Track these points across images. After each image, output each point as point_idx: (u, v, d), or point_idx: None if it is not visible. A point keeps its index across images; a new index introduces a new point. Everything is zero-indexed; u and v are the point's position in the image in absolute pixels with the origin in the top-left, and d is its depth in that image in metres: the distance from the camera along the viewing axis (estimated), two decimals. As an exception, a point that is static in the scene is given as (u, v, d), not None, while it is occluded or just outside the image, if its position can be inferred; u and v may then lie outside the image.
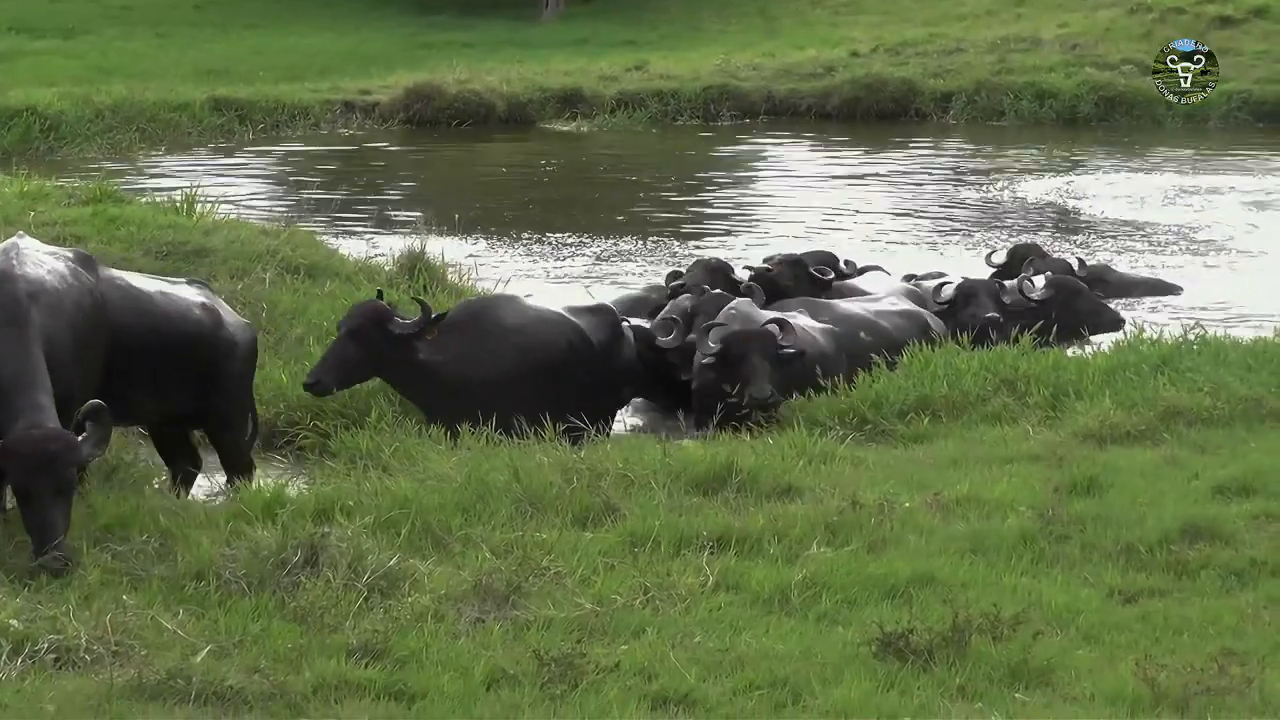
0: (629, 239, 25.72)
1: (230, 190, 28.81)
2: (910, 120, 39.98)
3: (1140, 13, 44.88)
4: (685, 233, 26.81)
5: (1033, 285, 18.20)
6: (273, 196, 30.68)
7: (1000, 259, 21.15)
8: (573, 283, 21.57)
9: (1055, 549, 10.47)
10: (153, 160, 33.83)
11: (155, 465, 13.02)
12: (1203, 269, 23.51)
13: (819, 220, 27.85)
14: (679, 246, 25.24)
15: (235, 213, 22.09)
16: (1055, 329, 16.50)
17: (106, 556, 10.15)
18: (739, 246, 24.93)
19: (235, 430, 12.80)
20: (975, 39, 44.39)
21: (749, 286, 16.81)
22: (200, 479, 13.13)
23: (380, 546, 10.06)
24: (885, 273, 19.02)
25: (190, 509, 11.32)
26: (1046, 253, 21.51)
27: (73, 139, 34.12)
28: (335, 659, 8.76)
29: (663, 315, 15.54)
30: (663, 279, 18.77)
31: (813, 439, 12.73)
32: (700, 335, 14.50)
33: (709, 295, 15.91)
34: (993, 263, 21.06)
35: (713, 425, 13.73)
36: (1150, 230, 26.46)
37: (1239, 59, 40.31)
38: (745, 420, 13.65)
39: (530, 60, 43.97)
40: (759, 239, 26.01)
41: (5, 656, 8.73)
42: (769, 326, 14.39)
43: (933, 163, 34.64)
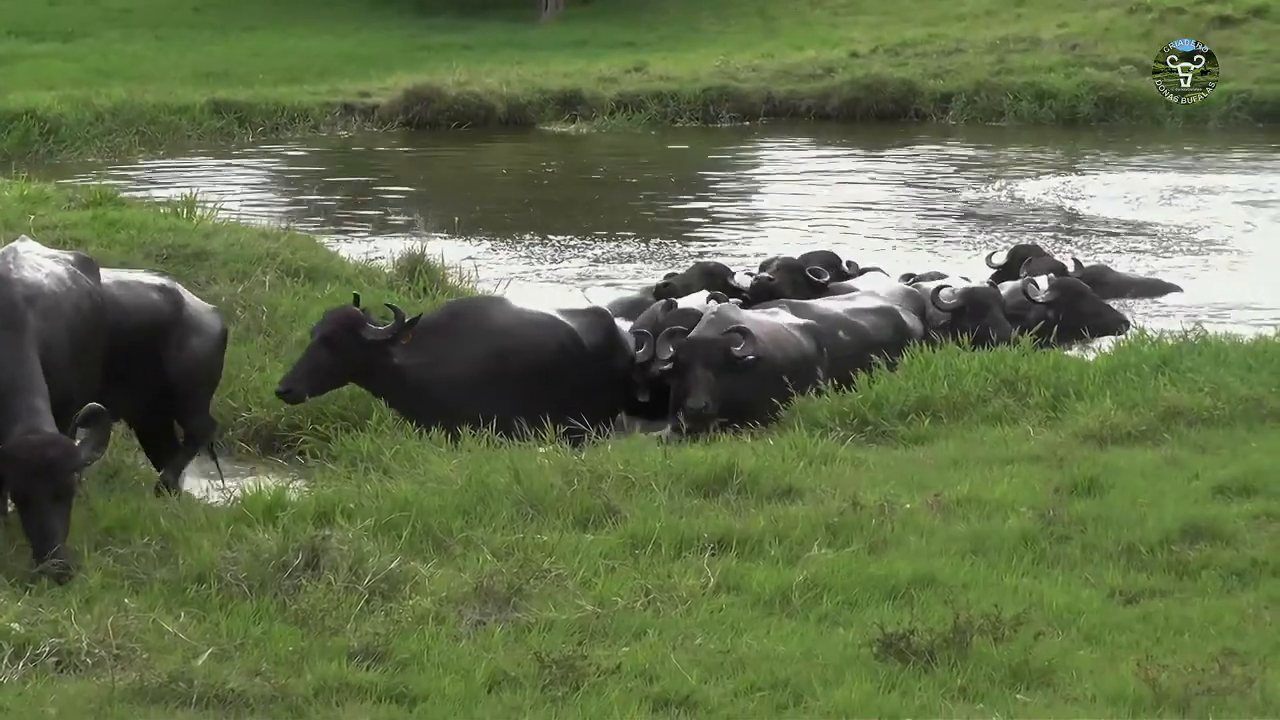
0: (629, 241, 25.73)
1: (230, 193, 28.81)
2: (910, 121, 40.01)
3: (1140, 13, 44.90)
4: (685, 235, 26.82)
5: (1036, 287, 18.18)
6: (272, 199, 30.69)
7: (1000, 259, 21.15)
8: (573, 284, 21.60)
9: (1056, 549, 10.47)
10: (153, 163, 33.84)
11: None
12: (1203, 269, 23.51)
13: (819, 221, 27.86)
14: (679, 248, 25.25)
15: (235, 216, 22.07)
16: (1057, 330, 16.50)
17: (108, 560, 10.14)
18: (739, 248, 24.96)
19: (198, 415, 12.72)
20: (975, 39, 44.40)
21: (717, 294, 16.72)
22: (200, 481, 13.14)
23: (381, 549, 10.06)
24: (884, 273, 19.01)
25: (191, 512, 11.32)
26: (1047, 253, 21.51)
27: (72, 142, 34.13)
28: (336, 661, 8.76)
29: (633, 326, 15.38)
30: (659, 281, 18.75)
31: (813, 440, 12.73)
32: (661, 343, 14.45)
33: (677, 309, 15.85)
34: (993, 263, 21.06)
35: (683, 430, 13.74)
36: (1150, 230, 26.46)
37: (1239, 59, 40.33)
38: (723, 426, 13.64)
39: (529, 62, 43.98)
40: (759, 241, 26.02)
41: (6, 660, 8.73)
42: (730, 334, 14.31)
43: (932, 163, 34.64)
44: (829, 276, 18.13)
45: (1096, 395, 13.63)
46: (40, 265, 11.18)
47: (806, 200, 30.46)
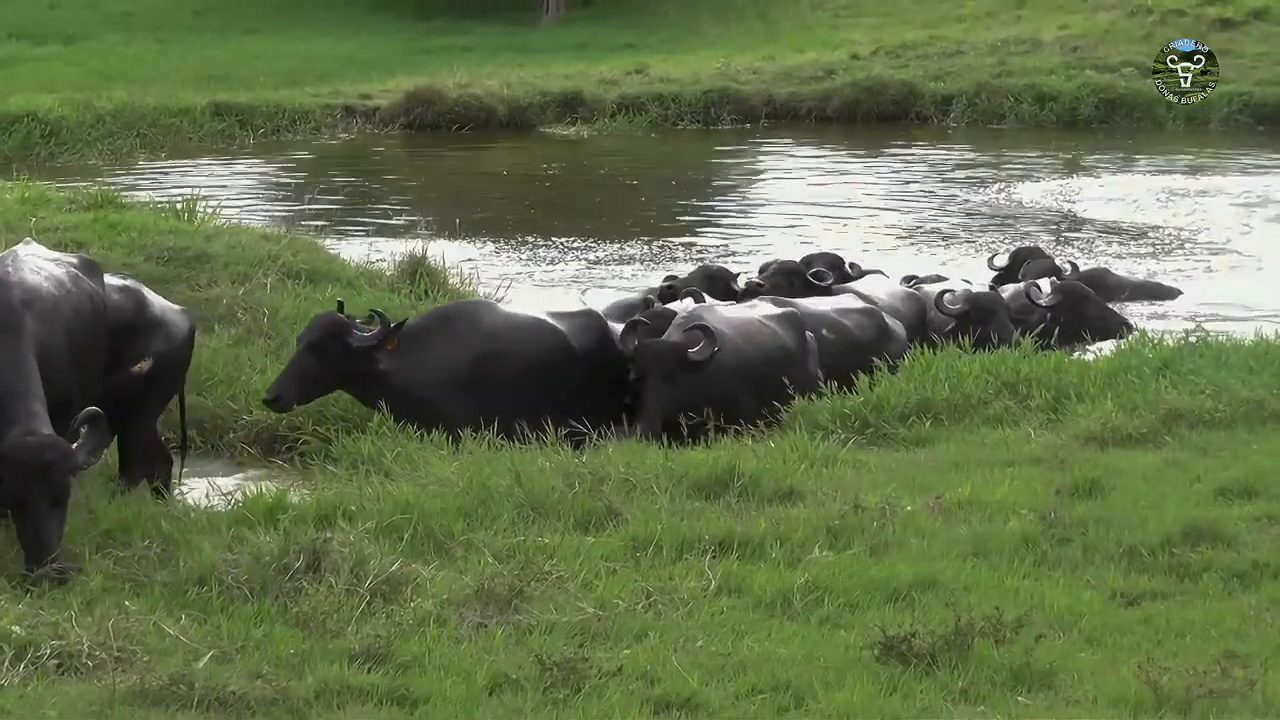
0: (629, 243, 25.74)
1: (231, 195, 28.84)
2: (911, 123, 40.04)
3: (1140, 15, 44.94)
4: (685, 237, 26.83)
5: (1039, 291, 18.18)
6: (273, 201, 30.71)
7: (1002, 262, 21.17)
8: (571, 286, 21.61)
9: (1057, 552, 10.46)
10: (154, 166, 33.85)
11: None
12: (1202, 271, 23.53)
13: (819, 224, 27.87)
14: (680, 251, 25.26)
15: (236, 218, 22.08)
16: (1059, 333, 16.49)
17: (109, 562, 10.13)
18: (739, 251, 24.97)
19: (148, 416, 12.50)
20: (975, 41, 44.44)
21: (694, 292, 16.67)
22: (202, 484, 13.14)
23: (382, 551, 10.06)
24: (885, 275, 19.02)
25: (192, 514, 11.32)
26: (1049, 256, 21.53)
27: (73, 145, 34.15)
28: (337, 664, 8.76)
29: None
30: (660, 283, 18.75)
31: (814, 443, 12.72)
32: (625, 338, 14.34)
33: (656, 309, 15.81)
34: (995, 266, 21.08)
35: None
36: (1150, 233, 26.48)
37: (1239, 61, 40.38)
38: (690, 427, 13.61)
39: (530, 64, 44.01)
40: (759, 243, 26.03)
41: (7, 662, 8.72)
42: (689, 334, 14.14)
43: (933, 165, 34.66)
44: (832, 279, 18.14)
45: (1098, 397, 13.63)
46: (40, 268, 11.16)
47: (807, 203, 30.46)
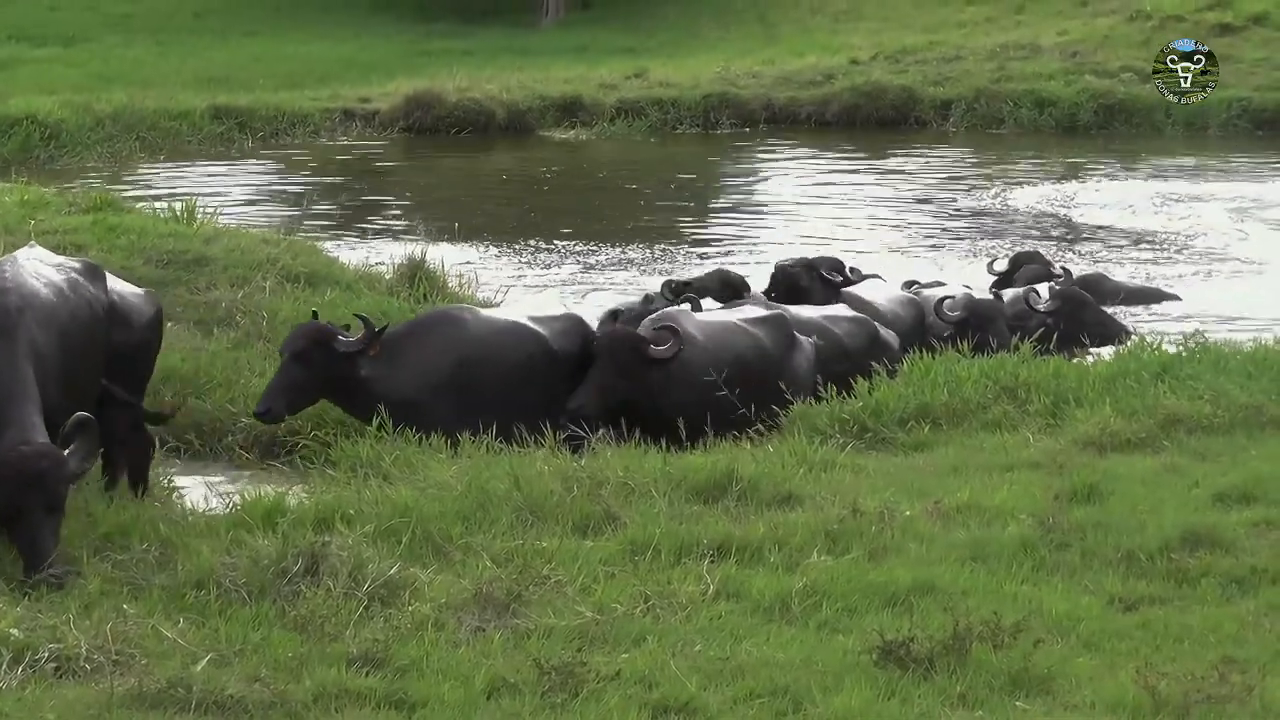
0: (628, 247, 25.75)
1: (230, 198, 28.85)
2: (910, 128, 40.05)
3: (1140, 20, 44.94)
4: (684, 241, 26.83)
5: (1038, 296, 18.19)
6: (272, 204, 30.70)
7: (1001, 267, 21.20)
8: (571, 289, 21.61)
9: (1056, 557, 10.46)
10: (153, 168, 33.86)
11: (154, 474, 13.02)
12: (1202, 277, 23.54)
13: (818, 228, 27.87)
14: (679, 255, 25.27)
15: (235, 221, 22.09)
16: (1058, 339, 16.50)
17: (107, 565, 10.12)
18: (737, 255, 24.97)
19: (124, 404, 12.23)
20: (975, 46, 44.45)
21: (688, 296, 16.73)
22: (201, 487, 13.14)
23: (381, 555, 10.05)
24: (883, 280, 19.01)
25: (191, 518, 11.32)
26: (1048, 260, 21.56)
27: (73, 147, 34.14)
28: (336, 668, 8.75)
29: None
30: (659, 287, 18.74)
31: (813, 447, 12.72)
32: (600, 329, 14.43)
33: (637, 308, 15.86)
34: (994, 270, 21.11)
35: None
36: (1147, 238, 26.50)
37: (1239, 66, 40.37)
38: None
39: (530, 68, 44.01)
40: (758, 247, 26.04)
41: (5, 665, 8.71)
42: (658, 332, 14.08)
43: (932, 170, 34.66)
44: (841, 280, 18.22)
45: (1096, 402, 13.62)
46: (39, 273, 11.12)
47: (806, 207, 30.47)
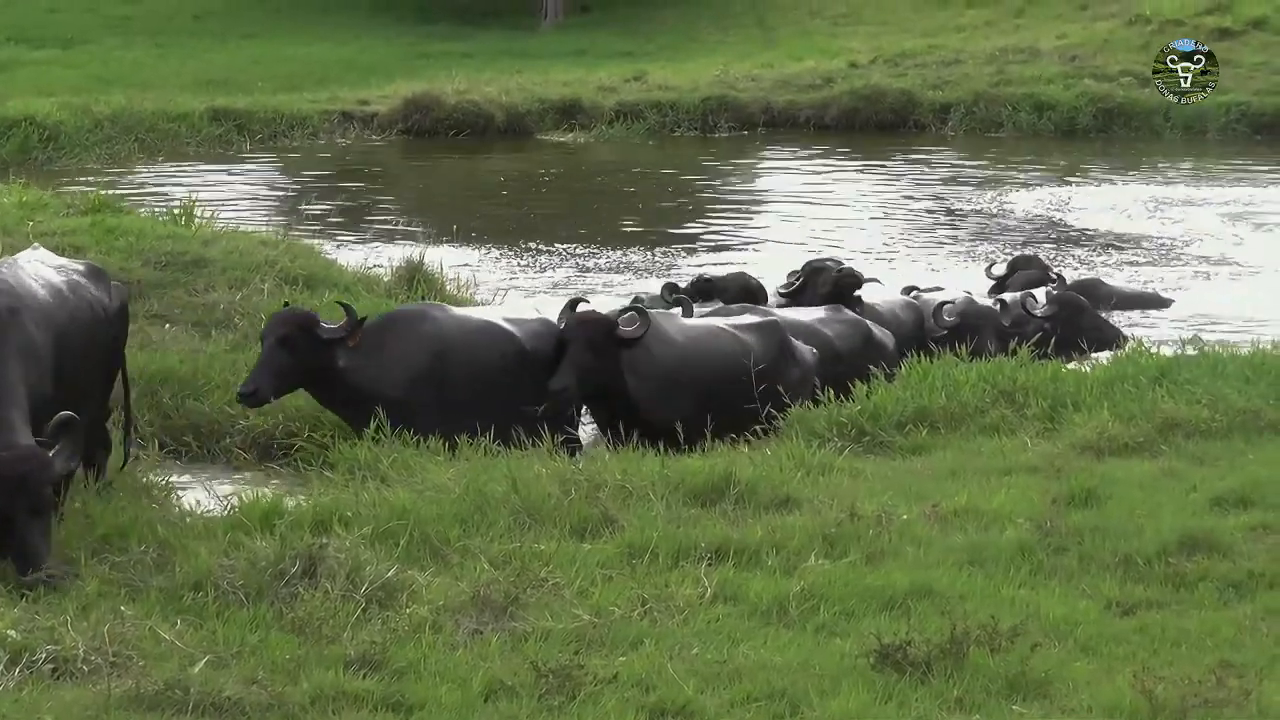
0: (625, 250, 25.76)
1: (228, 200, 28.85)
2: (909, 131, 40.04)
3: (1139, 24, 44.93)
4: (681, 245, 26.84)
5: (1036, 301, 18.19)
6: (271, 207, 30.70)
7: (1000, 271, 21.22)
8: (568, 292, 21.61)
9: (1053, 561, 10.46)
10: (151, 170, 33.86)
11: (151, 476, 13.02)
12: (1200, 281, 23.56)
13: (816, 232, 27.88)
14: (677, 258, 25.28)
15: (234, 223, 22.08)
16: (1055, 342, 16.51)
17: (104, 567, 10.12)
18: (734, 258, 24.96)
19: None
20: (974, 50, 44.45)
21: (679, 299, 16.77)
22: (198, 489, 13.14)
23: (378, 557, 10.05)
24: (880, 284, 18.99)
25: (189, 520, 11.31)
26: (1046, 264, 21.58)
27: (71, 149, 34.14)
28: (333, 670, 8.75)
29: None
30: (658, 290, 18.76)
31: (811, 450, 12.73)
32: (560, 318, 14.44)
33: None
34: (993, 274, 21.13)
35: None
36: (1145, 242, 26.51)
37: (1238, 70, 40.36)
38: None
39: (529, 71, 44.02)
40: (754, 251, 26.05)
41: (3, 667, 8.70)
42: (625, 314, 14.16)
43: (931, 174, 34.67)
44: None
45: (1094, 406, 13.63)
46: (39, 274, 11.10)
47: (805, 211, 30.47)
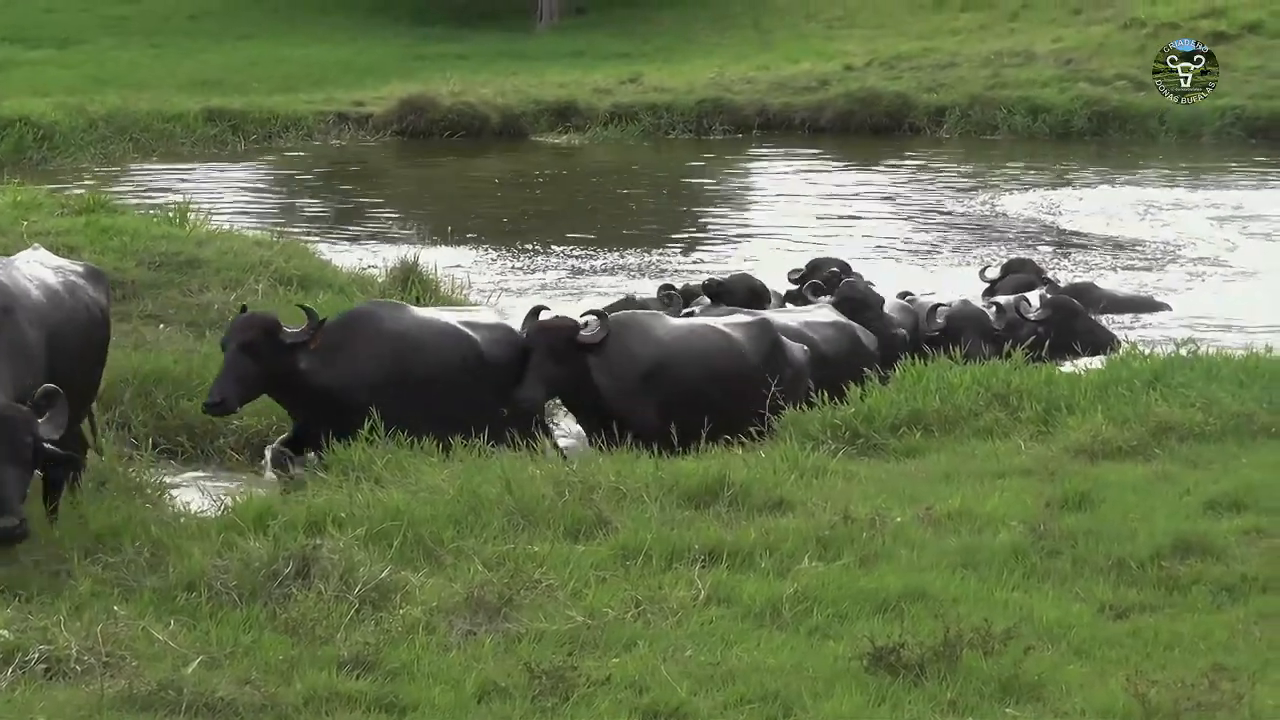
0: (619, 252, 25.76)
1: (223, 201, 28.85)
2: (904, 134, 40.10)
3: (1134, 28, 44.99)
4: (676, 247, 26.85)
5: (1029, 305, 18.20)
6: (266, 207, 30.71)
7: (994, 274, 21.23)
8: (565, 294, 21.61)
9: (1047, 564, 10.46)
10: (146, 170, 33.85)
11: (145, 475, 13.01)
12: (1194, 285, 23.57)
13: (810, 234, 27.89)
14: (671, 260, 25.28)
15: (228, 223, 22.08)
16: (1048, 346, 16.51)
17: (97, 567, 10.12)
18: (730, 260, 24.97)
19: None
20: (969, 53, 44.50)
21: (667, 296, 16.81)
22: (192, 490, 13.14)
23: (372, 558, 10.04)
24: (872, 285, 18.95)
25: (182, 520, 11.31)
26: (1040, 268, 21.60)
27: (66, 149, 34.16)
28: (326, 671, 8.74)
29: None
30: (652, 290, 18.78)
31: (805, 453, 12.72)
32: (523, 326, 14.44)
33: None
34: (986, 278, 21.15)
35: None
36: (1139, 246, 26.54)
37: (1233, 74, 40.40)
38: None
39: (524, 72, 44.06)
40: (749, 252, 26.06)
41: (-5, 667, 8.72)
42: (584, 318, 14.15)
43: (926, 177, 34.68)
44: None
45: (1088, 410, 13.63)
46: (34, 274, 11.08)
47: (798, 214, 30.49)
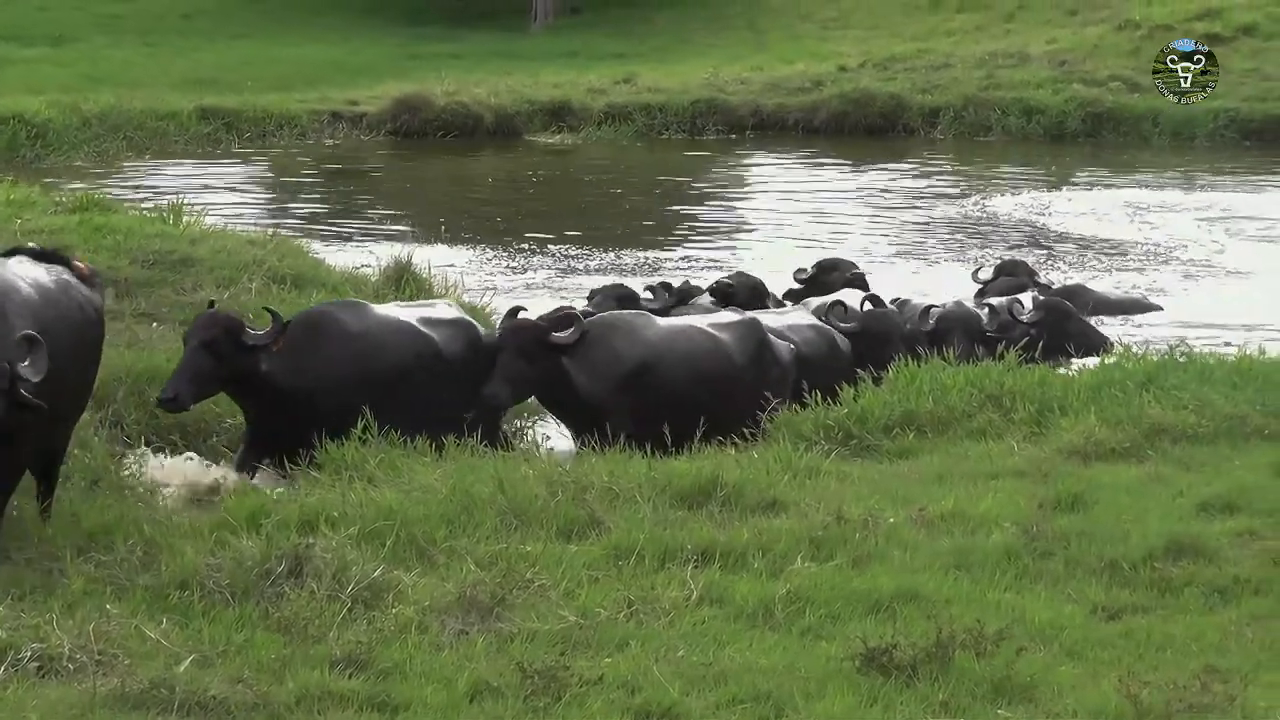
0: (612, 251, 25.77)
1: (217, 199, 28.84)
2: (898, 135, 40.11)
3: (1129, 30, 45.00)
4: (668, 246, 26.86)
5: (1022, 307, 18.20)
6: (259, 206, 30.70)
7: (987, 275, 21.24)
8: (557, 293, 21.61)
9: (1039, 565, 10.47)
10: (139, 168, 33.83)
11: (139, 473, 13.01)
12: (1188, 286, 23.58)
13: (804, 235, 27.89)
14: (667, 260, 25.29)
15: (221, 222, 22.06)
16: (1041, 348, 16.50)
17: (90, 566, 10.11)
18: (724, 261, 24.98)
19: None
20: (963, 54, 44.52)
21: (654, 290, 16.91)
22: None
23: (365, 557, 10.04)
24: (859, 289, 18.90)
25: (175, 518, 11.30)
26: (1032, 270, 21.60)
27: (60, 147, 34.14)
28: (319, 670, 8.74)
29: None
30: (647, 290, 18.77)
31: (798, 453, 12.71)
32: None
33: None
34: (979, 279, 21.15)
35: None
36: (1132, 247, 26.56)
37: (1227, 77, 40.33)
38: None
39: (519, 72, 44.05)
40: (744, 252, 26.07)
41: (-12, 665, 8.72)
42: (557, 316, 14.20)
43: (920, 178, 34.70)
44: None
45: (1081, 411, 13.63)
46: (26, 273, 11.03)
47: (792, 213, 30.50)
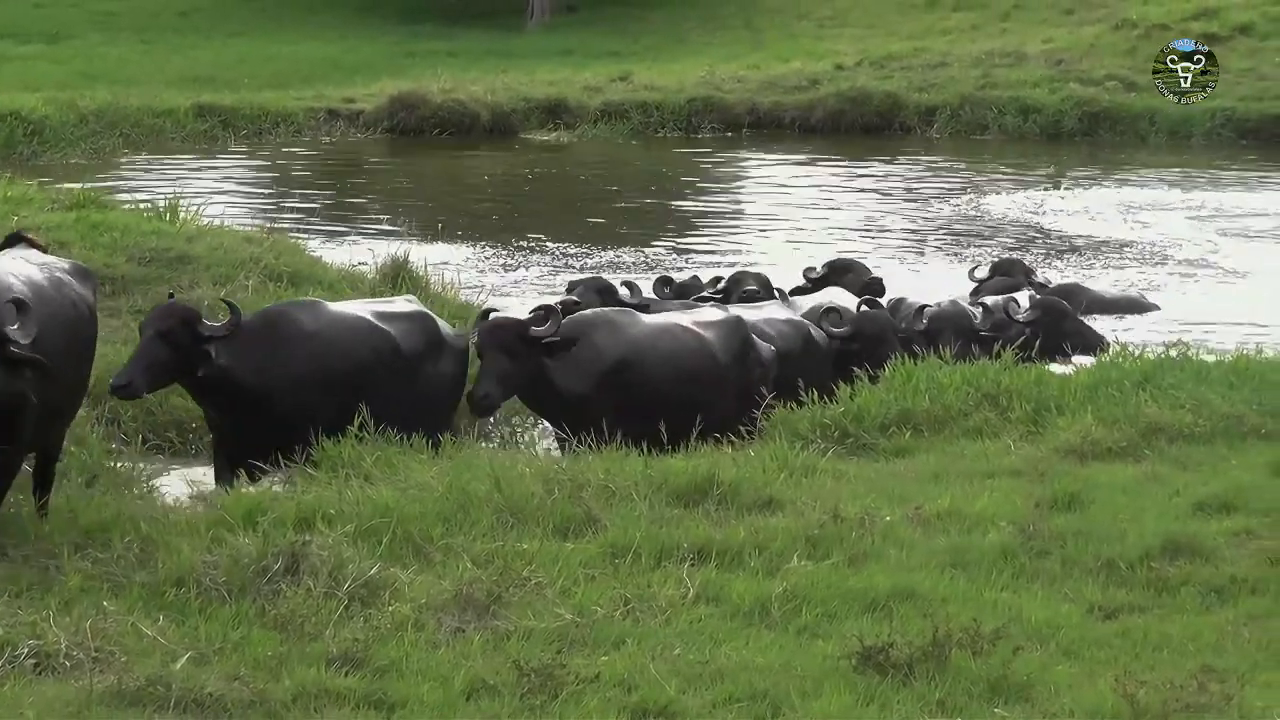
0: (607, 248, 25.77)
1: (213, 197, 28.82)
2: (894, 134, 40.11)
3: (1125, 29, 45.03)
4: (664, 244, 26.85)
5: (1018, 306, 18.20)
6: (256, 203, 30.68)
7: (983, 274, 21.25)
8: (549, 289, 21.59)
9: (1036, 564, 10.48)
10: (136, 165, 33.83)
11: (136, 471, 13.00)
12: (1184, 286, 23.59)
13: (799, 233, 27.90)
14: (662, 258, 25.28)
15: (218, 219, 22.05)
16: (1037, 347, 16.52)
17: (87, 563, 10.10)
18: (720, 261, 24.97)
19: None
20: (960, 53, 44.53)
21: (628, 282, 17.19)
22: (182, 485, 13.13)
23: (361, 555, 10.04)
24: (876, 294, 18.87)
25: (171, 516, 11.29)
26: (1028, 269, 21.61)
27: (56, 144, 34.12)
28: (315, 667, 8.74)
29: None
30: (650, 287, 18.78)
31: (794, 452, 12.71)
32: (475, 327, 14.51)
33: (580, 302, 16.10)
34: (975, 278, 21.16)
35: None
36: (1128, 246, 26.56)
37: (1224, 76, 40.30)
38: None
39: (515, 70, 44.04)
40: (740, 251, 26.06)
41: (-15, 661, 8.71)
42: (526, 318, 14.13)
43: (916, 176, 34.70)
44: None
45: (1078, 410, 13.64)
46: (19, 270, 11.02)
47: (787, 212, 30.49)
